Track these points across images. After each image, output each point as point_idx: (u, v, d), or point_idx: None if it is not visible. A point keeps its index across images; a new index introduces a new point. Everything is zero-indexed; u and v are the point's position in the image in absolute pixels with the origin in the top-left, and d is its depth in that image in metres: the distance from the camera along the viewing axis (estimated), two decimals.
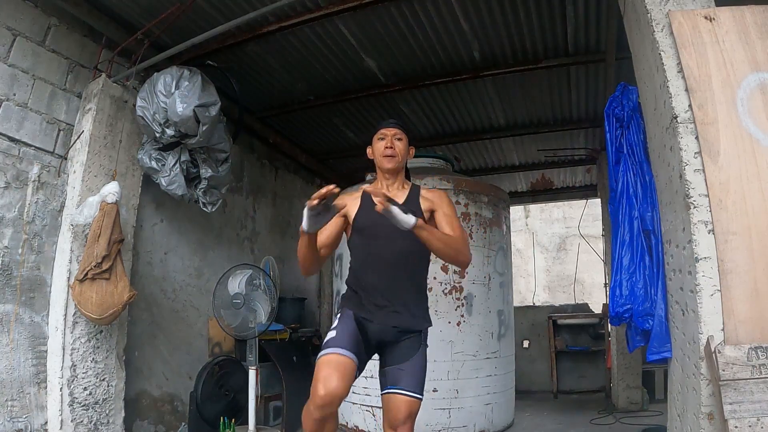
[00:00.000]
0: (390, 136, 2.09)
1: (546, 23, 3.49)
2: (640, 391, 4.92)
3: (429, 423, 3.72)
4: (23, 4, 2.96)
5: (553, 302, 9.26)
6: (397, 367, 1.93)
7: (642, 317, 2.18)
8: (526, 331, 6.45)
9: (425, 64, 4.02)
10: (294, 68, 4.08)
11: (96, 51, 3.38)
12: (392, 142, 2.08)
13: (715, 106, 1.84)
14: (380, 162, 2.11)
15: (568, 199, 8.14)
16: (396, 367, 1.94)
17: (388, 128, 2.12)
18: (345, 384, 1.72)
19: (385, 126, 2.14)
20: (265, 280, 3.68)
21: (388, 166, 2.09)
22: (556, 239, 11.02)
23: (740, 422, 1.53)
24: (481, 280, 4.14)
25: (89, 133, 3.15)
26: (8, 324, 2.79)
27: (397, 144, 2.09)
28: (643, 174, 2.29)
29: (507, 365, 4.30)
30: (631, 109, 2.41)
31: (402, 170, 2.16)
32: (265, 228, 5.29)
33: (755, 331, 1.65)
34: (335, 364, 1.75)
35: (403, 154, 2.10)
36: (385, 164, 2.09)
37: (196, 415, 3.72)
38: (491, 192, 4.42)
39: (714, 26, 1.92)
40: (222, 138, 3.58)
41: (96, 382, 3.03)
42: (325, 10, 3.26)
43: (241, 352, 4.20)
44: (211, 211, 3.77)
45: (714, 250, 1.73)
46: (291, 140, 5.58)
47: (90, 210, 2.94)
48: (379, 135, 2.12)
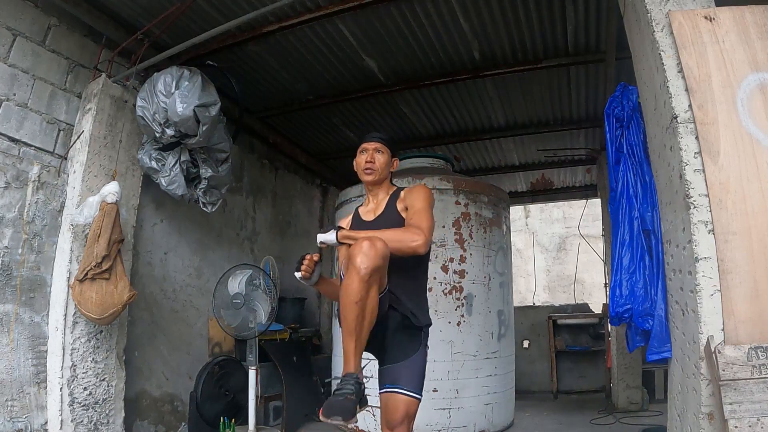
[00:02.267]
0: (371, 151, 2.15)
1: (546, 23, 3.49)
2: (640, 391, 4.93)
3: (429, 423, 3.72)
4: (23, 4, 2.96)
5: (553, 302, 9.26)
6: (396, 366, 1.94)
7: (642, 317, 2.17)
8: (526, 331, 6.45)
9: (425, 64, 4.02)
10: (294, 68, 4.08)
11: (96, 51, 3.38)
12: (373, 156, 2.14)
13: (715, 106, 1.84)
14: (361, 176, 2.19)
15: (568, 199, 8.14)
16: (395, 365, 1.94)
17: (369, 142, 2.17)
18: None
19: (366, 140, 2.20)
20: (265, 280, 3.68)
21: (367, 179, 2.16)
22: (556, 239, 11.02)
23: (740, 422, 1.53)
24: (481, 280, 4.14)
25: (89, 133, 3.15)
26: (8, 324, 2.79)
27: (377, 157, 2.14)
28: (643, 174, 2.29)
29: (507, 365, 4.30)
30: (631, 109, 2.41)
31: (385, 180, 2.21)
32: (265, 228, 5.29)
33: (755, 331, 1.65)
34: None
35: (383, 168, 2.15)
36: (365, 177, 2.16)
37: (196, 415, 3.72)
38: (491, 192, 4.42)
39: (714, 26, 1.91)
40: (222, 138, 3.58)
41: (96, 382, 3.03)
42: (325, 10, 3.26)
43: (241, 352, 4.20)
44: (211, 211, 3.77)
45: (714, 250, 1.73)
46: (291, 140, 5.58)
47: (90, 210, 2.94)
48: (361, 149, 2.19)
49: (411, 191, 2.10)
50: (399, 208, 2.07)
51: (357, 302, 1.63)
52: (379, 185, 2.18)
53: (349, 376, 1.66)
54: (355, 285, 1.63)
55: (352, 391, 1.61)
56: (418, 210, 1.97)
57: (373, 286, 1.67)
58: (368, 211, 2.19)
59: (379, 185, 2.18)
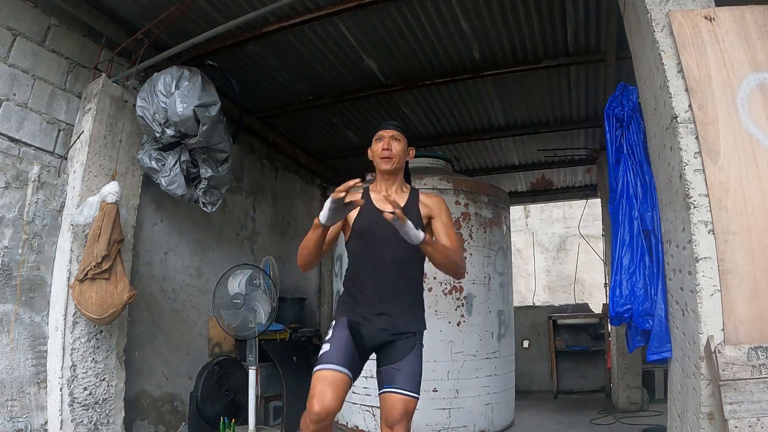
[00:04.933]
0: (387, 138, 2.10)
1: (546, 23, 3.49)
2: (640, 391, 4.92)
3: (429, 423, 3.72)
4: (23, 4, 2.96)
5: (553, 302, 9.26)
6: (392, 367, 1.95)
7: (642, 317, 2.18)
8: (526, 331, 6.44)
9: (425, 64, 4.02)
10: (294, 68, 4.08)
11: (96, 51, 3.37)
12: (389, 143, 2.09)
13: (715, 106, 1.84)
14: (378, 163, 2.12)
15: (568, 199, 8.14)
16: (391, 366, 1.96)
17: (386, 130, 2.13)
18: (338, 398, 1.83)
19: (383, 128, 2.15)
20: (265, 280, 3.68)
21: (385, 167, 2.09)
22: (556, 239, 11.02)
23: (740, 422, 1.53)
24: (481, 280, 4.14)
25: (89, 133, 3.15)
26: (8, 324, 2.79)
27: (394, 145, 2.09)
28: (643, 174, 2.29)
29: (507, 365, 4.30)
30: (631, 109, 2.41)
31: (400, 171, 2.16)
32: (265, 228, 5.29)
33: (755, 331, 1.65)
34: (329, 381, 1.84)
35: (400, 156, 2.10)
36: (383, 165, 2.10)
37: (196, 415, 3.72)
38: (491, 192, 4.42)
39: (714, 26, 1.91)
40: (222, 138, 3.58)
41: (96, 382, 3.03)
42: (325, 10, 3.26)
43: (241, 352, 4.20)
44: (211, 211, 3.77)
45: (714, 250, 1.73)
46: (291, 140, 5.58)
47: (90, 210, 2.94)
48: (377, 136, 2.13)
49: (438, 203, 2.11)
50: (422, 213, 2.06)
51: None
52: (396, 175, 2.13)
53: None
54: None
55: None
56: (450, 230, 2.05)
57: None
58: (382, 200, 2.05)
59: (396, 175, 2.13)
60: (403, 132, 2.14)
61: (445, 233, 2.02)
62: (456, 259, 1.95)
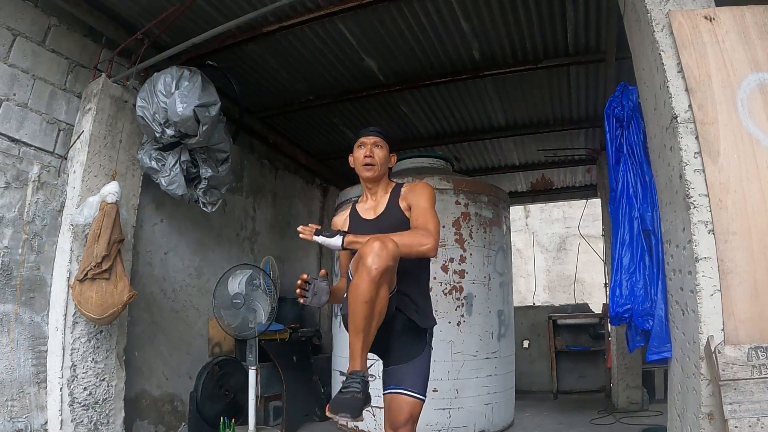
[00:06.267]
0: (370, 145, 2.08)
1: (546, 23, 3.49)
2: (640, 391, 4.92)
3: (429, 423, 3.72)
4: (23, 4, 2.96)
5: (553, 302, 9.26)
6: (400, 367, 1.92)
7: (642, 317, 2.18)
8: (526, 331, 6.45)
9: (425, 64, 4.02)
10: (294, 68, 4.08)
11: (96, 51, 3.37)
12: (371, 150, 2.07)
13: (715, 106, 1.84)
14: (360, 171, 2.10)
15: (568, 199, 8.14)
16: (400, 366, 1.92)
17: (368, 136, 2.10)
18: None
19: (364, 134, 2.12)
20: (265, 280, 3.68)
21: (367, 174, 2.08)
22: (556, 239, 11.02)
23: (740, 422, 1.53)
24: (481, 280, 4.14)
25: (89, 133, 3.15)
26: (8, 324, 2.79)
27: (376, 152, 2.07)
28: (643, 174, 2.29)
29: (507, 365, 4.30)
30: (631, 109, 2.41)
31: (384, 176, 2.14)
32: (265, 228, 5.29)
33: (755, 331, 1.65)
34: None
35: (383, 163, 2.09)
36: (365, 173, 2.08)
37: (196, 415, 3.72)
38: (491, 192, 4.42)
39: (714, 26, 1.92)
40: (222, 138, 3.58)
41: (96, 382, 3.03)
42: (325, 10, 3.26)
43: (241, 352, 4.20)
44: (211, 211, 3.77)
45: (714, 250, 1.73)
46: (291, 140, 5.58)
47: (90, 210, 2.94)
48: (359, 143, 2.11)
49: (413, 189, 2.04)
50: (402, 207, 2.02)
51: (366, 302, 1.61)
52: (378, 181, 2.12)
53: (355, 374, 1.65)
54: (365, 285, 1.60)
55: (358, 390, 1.62)
56: (423, 210, 1.93)
57: (382, 286, 1.65)
58: (368, 209, 2.12)
59: (378, 181, 2.12)
60: (384, 138, 2.11)
61: (416, 216, 1.94)
62: (406, 240, 1.76)
